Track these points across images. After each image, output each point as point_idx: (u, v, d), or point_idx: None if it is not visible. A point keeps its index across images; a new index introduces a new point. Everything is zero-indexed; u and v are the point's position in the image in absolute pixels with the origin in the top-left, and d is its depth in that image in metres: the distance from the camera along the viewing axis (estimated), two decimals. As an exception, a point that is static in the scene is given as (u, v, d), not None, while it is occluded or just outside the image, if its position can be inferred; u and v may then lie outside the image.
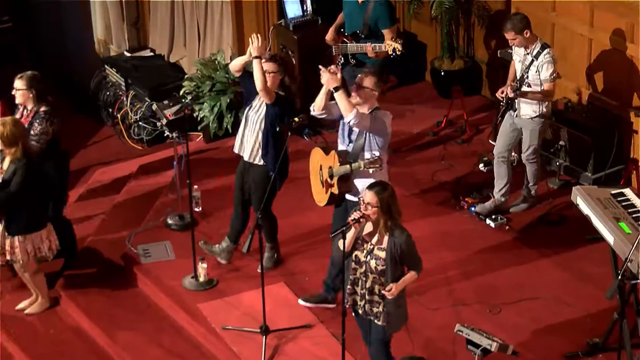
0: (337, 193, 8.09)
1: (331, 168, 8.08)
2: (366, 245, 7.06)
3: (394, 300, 7.06)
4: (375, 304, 7.12)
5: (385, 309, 7.10)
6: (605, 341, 7.94)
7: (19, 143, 8.44)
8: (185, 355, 8.50)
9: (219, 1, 12.02)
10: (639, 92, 9.57)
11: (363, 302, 7.17)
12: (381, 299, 7.09)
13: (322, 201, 8.32)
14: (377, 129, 7.93)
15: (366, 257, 7.05)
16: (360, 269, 7.10)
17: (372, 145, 7.99)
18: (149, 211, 10.10)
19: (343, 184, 8.05)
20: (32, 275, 9.01)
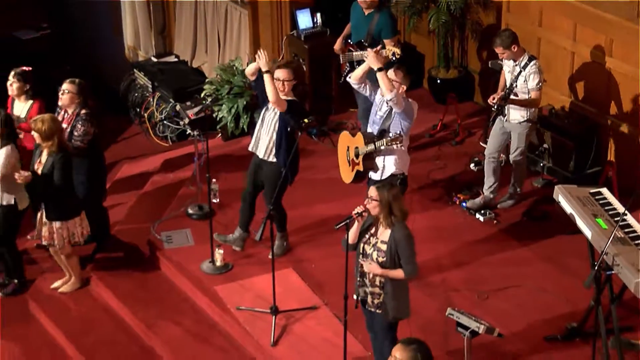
0: (362, 170, 8.30)
1: (357, 148, 8.22)
2: (371, 238, 7.04)
3: (391, 292, 7.00)
4: (376, 296, 7.08)
5: (383, 300, 7.09)
6: (582, 326, 7.95)
7: (54, 137, 8.47)
8: (203, 333, 8.52)
9: (237, 12, 12.03)
10: (616, 101, 9.56)
11: (368, 293, 7.14)
12: (381, 290, 7.07)
13: (349, 179, 8.48)
14: (407, 111, 8.22)
15: (370, 250, 7.02)
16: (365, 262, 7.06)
17: (397, 128, 8.19)
18: (172, 202, 10.11)
19: (367, 161, 8.26)
20: (67, 257, 9.04)
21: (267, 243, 8.66)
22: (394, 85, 8.14)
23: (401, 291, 7.07)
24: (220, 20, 12.36)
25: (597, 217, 7.63)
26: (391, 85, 8.11)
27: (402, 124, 8.23)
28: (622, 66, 9.41)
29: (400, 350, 5.83)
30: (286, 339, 8.19)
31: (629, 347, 7.81)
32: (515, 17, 10.19)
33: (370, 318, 7.31)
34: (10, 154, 8.62)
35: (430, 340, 6.09)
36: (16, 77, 9.37)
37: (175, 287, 9.06)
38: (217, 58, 12.47)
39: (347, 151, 8.44)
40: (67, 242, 8.79)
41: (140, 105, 12.09)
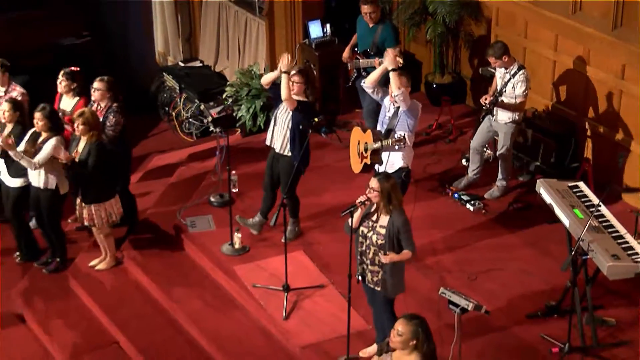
0: (370, 163, 8.42)
1: (366, 143, 8.25)
2: (371, 223, 7.05)
3: (389, 270, 7.03)
4: (375, 273, 7.11)
5: (382, 277, 7.11)
6: (560, 304, 7.94)
7: (95, 128, 8.51)
8: (222, 307, 8.53)
9: (256, 23, 12.02)
10: (593, 105, 9.54)
11: (368, 271, 7.17)
12: (380, 268, 7.09)
13: (357, 169, 8.58)
14: (412, 109, 8.29)
15: (369, 232, 7.05)
16: (365, 242, 7.10)
17: (403, 126, 8.24)
18: (196, 190, 10.10)
19: (374, 156, 8.36)
20: (105, 236, 9.06)
21: (281, 228, 8.69)
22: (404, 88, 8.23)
23: (398, 270, 7.10)
24: (240, 30, 12.36)
25: (575, 208, 7.63)
26: (400, 85, 8.20)
27: (408, 122, 8.28)
28: (598, 73, 9.38)
29: (403, 325, 5.85)
30: (296, 314, 8.20)
31: (601, 323, 7.81)
32: (503, 29, 10.16)
33: (371, 294, 7.32)
34: (57, 144, 8.63)
35: (425, 315, 6.08)
36: (65, 76, 9.40)
37: (197, 266, 9.07)
38: (237, 63, 12.47)
39: (357, 145, 8.50)
40: (105, 221, 8.81)
41: (169, 105, 12.09)
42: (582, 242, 7.23)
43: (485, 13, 10.60)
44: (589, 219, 7.38)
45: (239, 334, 8.20)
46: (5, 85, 9.50)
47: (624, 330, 7.81)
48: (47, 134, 8.64)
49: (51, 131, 8.63)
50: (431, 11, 10.63)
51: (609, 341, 7.67)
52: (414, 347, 5.85)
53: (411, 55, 11.57)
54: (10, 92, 9.47)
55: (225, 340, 8.14)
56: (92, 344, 8.51)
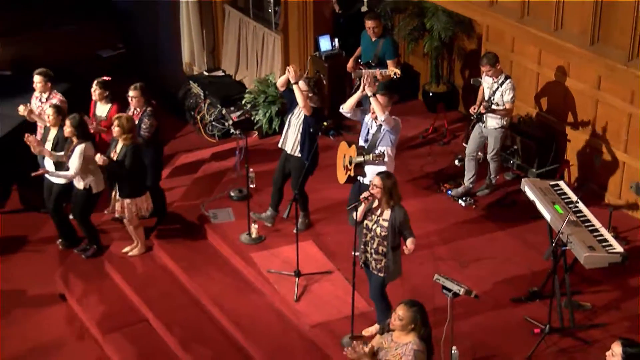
0: (353, 175, 8.19)
1: (351, 157, 8.14)
2: (374, 217, 7.04)
3: (392, 258, 7.05)
4: (379, 261, 7.12)
5: (385, 264, 7.10)
6: (542, 290, 7.93)
7: (131, 132, 8.51)
8: (241, 290, 8.54)
9: (272, 37, 12.00)
10: (572, 112, 9.51)
11: (372, 259, 7.16)
12: (383, 257, 7.08)
13: (342, 180, 8.41)
14: (395, 127, 8.11)
15: (373, 225, 7.04)
16: (369, 234, 7.10)
17: (385, 141, 8.06)
18: (217, 186, 10.11)
19: (358, 169, 8.15)
20: (135, 228, 9.07)
21: (293, 220, 8.68)
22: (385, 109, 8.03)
23: (398, 257, 7.13)
24: (258, 43, 12.35)
25: (555, 204, 7.62)
26: (383, 109, 7.97)
27: (390, 137, 8.10)
28: (577, 84, 9.35)
29: (404, 310, 5.84)
30: (306, 296, 8.21)
31: (578, 307, 7.80)
32: (493, 44, 10.14)
33: (370, 278, 7.34)
34: (83, 150, 8.62)
35: (421, 299, 6.08)
36: (98, 85, 9.39)
37: (219, 253, 9.07)
38: (255, 73, 12.46)
39: (343, 158, 8.38)
40: (135, 215, 8.82)
41: (194, 110, 12.08)
42: (561, 235, 7.22)
43: (476, 30, 10.58)
44: (568, 214, 7.37)
45: (255, 313, 8.21)
46: (47, 93, 9.51)
47: (598, 313, 7.81)
48: (76, 140, 8.64)
49: (79, 138, 8.64)
50: (428, 28, 10.62)
51: (585, 323, 7.66)
52: (412, 329, 5.85)
53: (410, 67, 11.56)
54: (51, 99, 9.48)
55: (243, 319, 8.14)
56: (124, 321, 8.53)
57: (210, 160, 10.91)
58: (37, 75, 9.45)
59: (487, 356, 7.41)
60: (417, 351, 5.78)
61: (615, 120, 9.03)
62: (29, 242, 9.84)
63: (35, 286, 9.15)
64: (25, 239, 9.88)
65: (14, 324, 8.69)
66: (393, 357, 5.84)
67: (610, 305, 7.88)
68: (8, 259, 9.57)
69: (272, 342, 7.86)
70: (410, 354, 5.77)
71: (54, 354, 8.34)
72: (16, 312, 8.84)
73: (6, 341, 8.46)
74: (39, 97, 9.56)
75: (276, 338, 7.91)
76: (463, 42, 10.87)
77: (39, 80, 9.43)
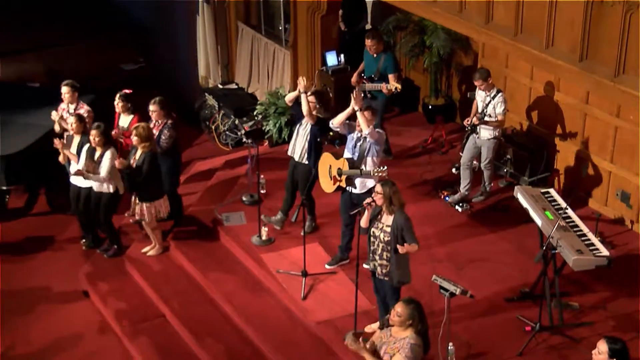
0: (345, 186, 8.12)
1: (340, 169, 8.08)
2: (379, 224, 7.02)
3: (395, 263, 6.99)
4: (383, 267, 7.08)
5: (389, 269, 7.07)
6: (533, 290, 7.91)
7: (149, 140, 8.53)
8: (251, 288, 8.54)
9: (282, 53, 12.03)
10: (562, 124, 9.49)
11: (379, 265, 7.12)
12: (387, 262, 7.05)
13: (330, 190, 8.32)
14: (379, 140, 8.02)
15: (379, 232, 7.01)
16: (375, 241, 7.05)
17: (372, 152, 8.01)
18: (230, 191, 10.11)
19: (349, 180, 8.07)
20: (153, 229, 9.07)
21: (300, 224, 8.67)
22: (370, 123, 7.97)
23: (403, 262, 7.06)
24: (269, 58, 12.37)
25: (546, 210, 7.61)
26: (368, 123, 7.93)
27: (376, 148, 8.02)
28: (566, 98, 9.34)
29: (402, 307, 5.85)
30: (313, 295, 8.19)
31: (566, 307, 7.77)
32: (488, 60, 10.13)
33: (380, 284, 7.28)
34: (114, 154, 8.67)
35: (419, 298, 6.07)
36: (121, 98, 9.41)
37: (231, 254, 9.07)
38: (266, 86, 12.48)
39: (329, 169, 8.31)
40: (153, 217, 8.83)
41: (209, 120, 12.10)
42: (551, 239, 7.20)
43: (473, 47, 10.57)
44: (558, 220, 7.36)
45: (264, 310, 8.20)
46: (75, 103, 9.53)
47: (585, 313, 7.78)
48: (102, 148, 8.67)
49: (104, 145, 8.67)
50: (428, 45, 10.61)
51: (573, 322, 7.63)
52: (409, 325, 5.85)
53: (411, 81, 11.55)
54: (79, 110, 9.51)
55: (254, 316, 8.14)
56: (142, 316, 8.54)
57: (223, 167, 10.92)
58: (64, 87, 9.48)
59: (481, 352, 7.39)
60: (413, 345, 5.79)
61: (602, 132, 9.01)
62: (54, 242, 9.86)
63: (60, 283, 9.16)
64: (51, 239, 9.90)
65: (40, 319, 8.70)
66: (391, 350, 5.86)
67: (597, 305, 7.85)
68: (35, 257, 9.59)
69: (281, 337, 7.85)
70: (407, 347, 5.78)
71: (78, 347, 8.35)
72: (42, 307, 8.85)
73: (33, 334, 8.47)
74: (66, 108, 9.58)
75: (284, 333, 7.90)
76: (460, 58, 10.86)
77: (66, 91, 9.46)
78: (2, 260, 9.49)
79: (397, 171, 9.80)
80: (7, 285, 9.09)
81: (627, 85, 7.14)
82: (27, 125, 10.19)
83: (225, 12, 12.86)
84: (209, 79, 13.29)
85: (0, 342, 8.36)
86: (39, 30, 13.79)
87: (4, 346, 8.31)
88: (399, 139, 10.67)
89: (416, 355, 5.80)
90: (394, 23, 10.95)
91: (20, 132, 10.09)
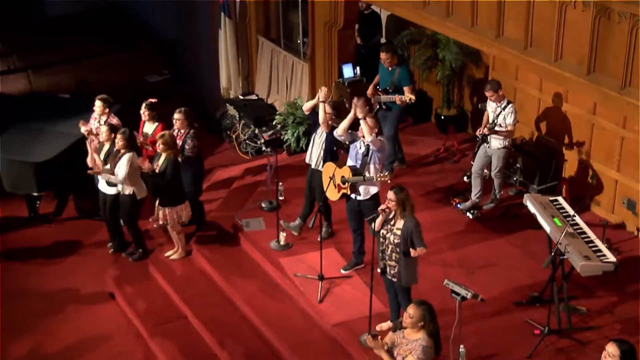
0: (349, 193, 8.08)
1: (343, 177, 8.06)
2: (389, 226, 7.02)
3: (404, 264, 7.01)
4: (392, 267, 7.09)
5: (398, 270, 7.07)
6: (541, 295, 7.87)
7: (173, 148, 8.57)
8: (269, 290, 8.54)
9: (300, 65, 12.05)
10: (569, 134, 9.44)
11: (388, 266, 7.13)
12: (397, 263, 7.05)
13: (335, 197, 8.26)
14: (381, 147, 7.98)
15: (388, 234, 7.02)
16: (385, 242, 7.07)
17: (374, 159, 7.99)
18: (250, 198, 10.12)
19: (352, 188, 8.04)
20: (177, 233, 9.10)
21: (317, 229, 8.68)
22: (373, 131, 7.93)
23: (411, 264, 7.07)
24: (288, 70, 12.39)
25: (554, 217, 7.57)
26: (371, 131, 7.91)
27: (378, 156, 7.98)
28: (573, 109, 9.29)
29: (414, 309, 5.84)
30: (328, 298, 8.19)
31: (574, 311, 7.72)
32: (499, 73, 10.10)
33: (390, 283, 7.29)
34: (129, 159, 8.70)
35: (431, 301, 6.04)
36: (146, 107, 9.47)
37: (250, 258, 9.08)
38: (285, 97, 12.50)
39: (332, 177, 8.17)
40: (176, 221, 8.85)
41: (230, 129, 12.14)
42: (560, 245, 7.16)
43: (484, 60, 10.54)
44: (566, 227, 7.32)
45: (282, 312, 8.20)
46: (105, 117, 9.57)
47: (593, 317, 7.73)
48: (124, 150, 8.72)
49: (127, 149, 8.72)
50: (441, 58, 10.60)
51: (581, 325, 7.58)
52: (422, 327, 5.84)
53: (424, 93, 11.53)
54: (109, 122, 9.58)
55: (272, 317, 8.14)
56: (165, 317, 8.56)
57: (244, 175, 10.93)
58: (98, 101, 9.57)
59: (491, 354, 7.36)
60: (425, 347, 5.78)
61: (608, 142, 8.96)
62: (82, 246, 9.91)
63: (88, 285, 9.21)
64: (79, 244, 9.95)
65: (69, 319, 8.74)
66: (404, 352, 5.86)
67: (604, 310, 7.79)
68: (64, 261, 9.65)
69: (297, 338, 7.85)
70: (419, 349, 5.78)
71: (103, 347, 8.38)
72: (70, 308, 8.90)
73: (61, 334, 8.52)
74: (97, 119, 9.66)
75: (301, 335, 7.89)
76: (472, 70, 10.83)
77: (99, 105, 9.55)
78: (33, 263, 9.56)
79: (410, 179, 9.78)
80: (38, 287, 9.15)
81: (633, 97, 7.10)
82: (57, 134, 10.26)
83: (246, 26, 12.90)
84: (230, 90, 13.33)
85: (30, 341, 8.41)
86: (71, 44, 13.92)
87: (34, 345, 8.36)
88: (412, 148, 10.65)
89: (428, 356, 5.79)
90: (408, 37, 10.94)
91: (51, 141, 10.16)
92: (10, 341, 8.40)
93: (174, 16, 14.08)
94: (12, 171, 9.94)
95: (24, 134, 10.34)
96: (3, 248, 9.79)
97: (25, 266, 9.53)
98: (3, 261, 9.55)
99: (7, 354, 8.26)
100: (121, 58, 13.75)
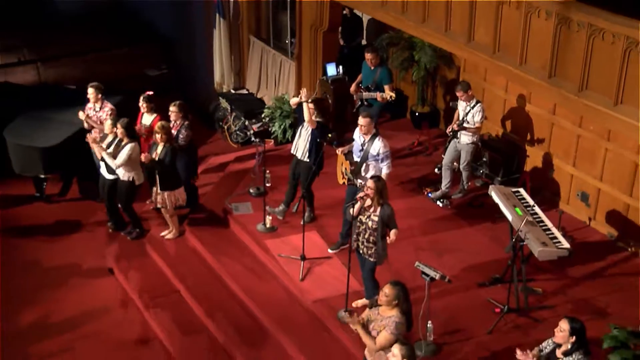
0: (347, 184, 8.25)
1: (346, 169, 8.14)
2: (367, 212, 7.08)
3: (381, 246, 7.09)
4: (370, 248, 7.15)
5: (376, 250, 7.13)
6: (502, 277, 7.95)
7: (169, 136, 8.56)
8: (256, 269, 8.56)
9: (288, 63, 12.04)
10: (531, 132, 9.52)
11: (363, 246, 7.20)
12: (373, 245, 7.11)
13: (340, 182, 8.42)
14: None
15: (366, 219, 7.07)
16: (362, 226, 7.12)
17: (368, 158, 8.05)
18: (239, 184, 10.13)
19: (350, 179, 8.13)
20: (171, 216, 9.10)
21: (300, 214, 8.70)
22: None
23: (385, 245, 7.16)
24: (276, 68, 12.39)
25: (516, 207, 7.64)
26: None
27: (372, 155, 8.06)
28: (535, 110, 9.37)
29: (389, 288, 5.90)
30: (309, 276, 8.23)
31: (531, 292, 7.81)
32: (469, 74, 10.16)
33: (362, 262, 7.38)
34: (133, 148, 8.68)
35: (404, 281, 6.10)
36: (144, 99, 9.42)
37: (238, 239, 9.09)
38: (273, 92, 12.49)
39: (341, 165, 8.39)
40: (173, 205, 8.85)
41: (222, 120, 12.12)
42: (520, 232, 7.23)
43: (456, 62, 10.59)
44: (526, 216, 7.39)
45: (267, 289, 8.23)
46: (100, 103, 9.55)
47: (548, 297, 7.82)
48: (126, 139, 8.70)
49: (128, 137, 8.70)
50: (416, 59, 10.63)
51: (537, 305, 7.67)
52: (396, 305, 5.90)
53: (401, 91, 11.57)
54: (103, 108, 9.54)
55: (257, 293, 8.18)
56: (160, 291, 8.57)
57: (234, 162, 10.94)
58: (90, 88, 9.53)
59: (456, 329, 7.44)
60: (398, 323, 5.84)
61: (566, 140, 9.05)
62: (85, 225, 9.89)
63: (89, 261, 9.20)
64: (82, 222, 9.93)
65: (72, 291, 8.74)
66: (379, 327, 5.92)
67: (558, 291, 7.89)
68: (67, 238, 9.63)
69: (280, 313, 7.89)
70: (392, 325, 5.84)
71: (104, 317, 8.39)
72: (74, 281, 8.89)
73: (65, 305, 8.52)
74: (92, 107, 9.61)
75: (284, 310, 7.93)
76: (445, 72, 10.88)
77: (91, 92, 9.50)
78: (38, 239, 9.54)
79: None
80: (44, 261, 9.13)
81: (589, 100, 7.19)
82: (63, 122, 10.22)
83: (239, 27, 12.87)
84: (223, 84, 13.31)
85: (36, 311, 8.41)
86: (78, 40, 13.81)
87: (39, 314, 8.36)
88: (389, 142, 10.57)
89: (400, 331, 5.86)
90: (387, 40, 10.97)
91: (57, 128, 10.12)
92: (18, 311, 8.39)
93: (172, 16, 14.01)
94: (21, 155, 9.91)
95: (33, 122, 10.30)
96: (10, 225, 9.76)
97: (32, 242, 9.50)
98: (10, 237, 9.52)
99: (15, 322, 8.25)
100: (124, 53, 13.66)
